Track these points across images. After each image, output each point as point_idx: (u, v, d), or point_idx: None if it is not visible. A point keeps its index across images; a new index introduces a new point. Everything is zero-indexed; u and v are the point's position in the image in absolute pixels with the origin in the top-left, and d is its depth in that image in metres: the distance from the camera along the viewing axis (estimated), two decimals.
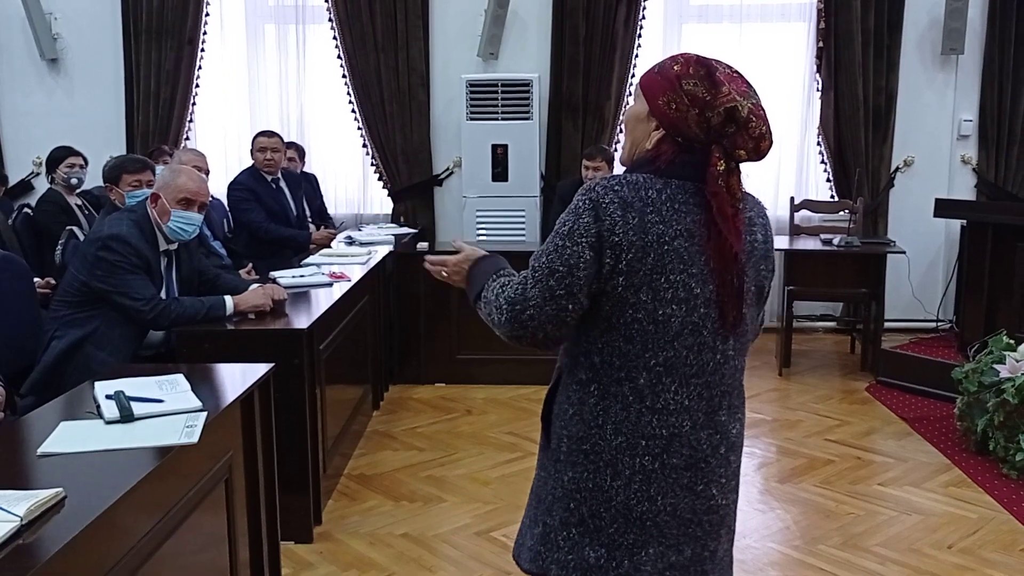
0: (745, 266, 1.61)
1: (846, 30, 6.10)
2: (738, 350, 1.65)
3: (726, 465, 1.65)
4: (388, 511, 3.58)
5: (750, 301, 1.65)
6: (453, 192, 6.48)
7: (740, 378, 1.68)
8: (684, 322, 1.57)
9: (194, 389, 2.43)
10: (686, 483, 1.61)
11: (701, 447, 1.61)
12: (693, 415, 1.60)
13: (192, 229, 3.42)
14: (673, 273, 1.55)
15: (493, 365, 5.19)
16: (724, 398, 1.63)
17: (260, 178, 5.26)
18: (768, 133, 1.60)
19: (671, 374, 1.58)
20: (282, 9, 6.44)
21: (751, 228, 1.65)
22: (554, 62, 6.24)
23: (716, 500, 1.64)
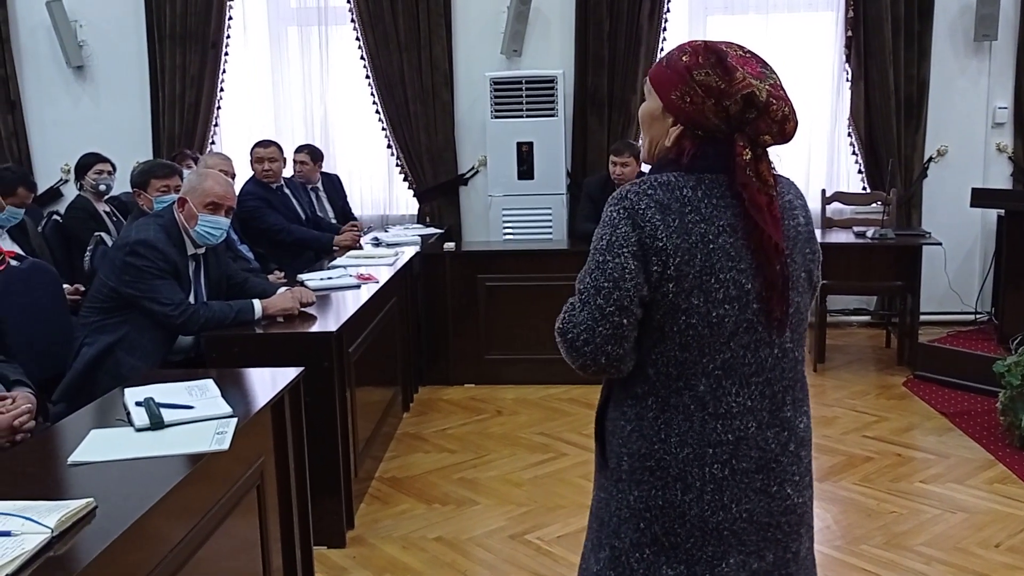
0: (792, 253, 1.54)
1: (875, 18, 5.98)
2: (796, 342, 1.59)
3: (797, 462, 1.59)
4: (421, 514, 3.54)
5: (801, 289, 1.58)
6: (479, 191, 6.44)
7: (801, 370, 1.62)
8: (738, 320, 1.50)
9: (224, 394, 2.40)
10: (759, 486, 1.54)
11: (770, 447, 1.55)
12: (758, 415, 1.54)
13: (219, 233, 3.40)
14: (723, 271, 1.48)
15: (522, 365, 5.15)
16: (787, 393, 1.57)
17: (265, 186, 5.25)
18: (792, 113, 1.51)
19: (731, 376, 1.52)
20: (304, 11, 6.43)
21: (792, 212, 1.58)
22: (578, 58, 6.18)
23: (792, 500, 1.58)
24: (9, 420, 2.41)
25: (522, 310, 5.13)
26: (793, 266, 1.55)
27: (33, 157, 6.63)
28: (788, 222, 1.55)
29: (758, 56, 1.54)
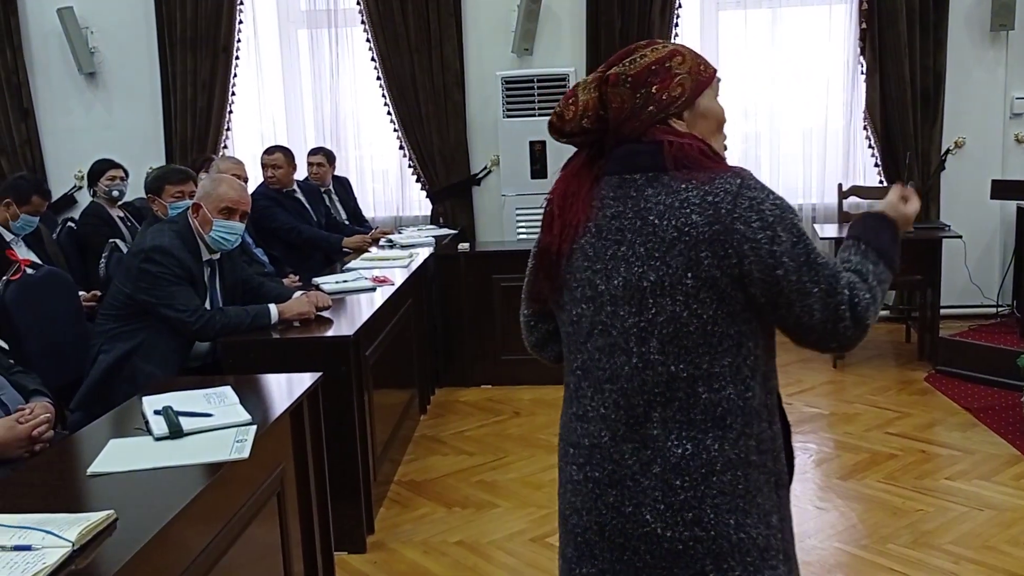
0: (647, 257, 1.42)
1: (890, 9, 5.92)
2: (671, 355, 1.40)
3: (664, 489, 1.41)
4: (441, 518, 3.51)
5: (676, 295, 1.40)
6: (492, 191, 6.41)
7: (690, 389, 1.41)
8: (593, 322, 1.47)
9: (242, 401, 2.39)
10: (611, 502, 1.44)
11: (625, 462, 1.43)
12: (612, 425, 1.44)
13: (234, 238, 3.39)
14: (579, 271, 1.49)
15: (539, 365, 5.00)
16: (653, 408, 1.41)
17: (275, 189, 5.23)
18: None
19: (587, 378, 1.49)
20: (315, 14, 6.41)
21: (672, 213, 1.41)
22: (590, 55, 6.14)
23: (652, 528, 1.42)
24: (28, 431, 2.41)
25: None
26: (624, 273, 1.42)
27: (47, 164, 6.64)
28: (661, 222, 1.40)
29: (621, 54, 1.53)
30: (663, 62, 1.47)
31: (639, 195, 1.43)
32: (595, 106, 1.48)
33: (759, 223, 1.37)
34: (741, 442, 1.42)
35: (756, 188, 1.40)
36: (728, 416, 1.41)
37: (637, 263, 1.41)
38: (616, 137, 1.48)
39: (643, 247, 1.41)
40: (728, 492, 1.41)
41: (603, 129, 1.50)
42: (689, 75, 1.48)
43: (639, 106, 1.45)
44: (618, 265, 1.43)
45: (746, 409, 1.42)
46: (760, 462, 1.44)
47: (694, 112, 1.49)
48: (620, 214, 1.44)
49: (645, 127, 1.46)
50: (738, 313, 1.40)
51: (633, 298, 1.42)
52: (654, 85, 1.46)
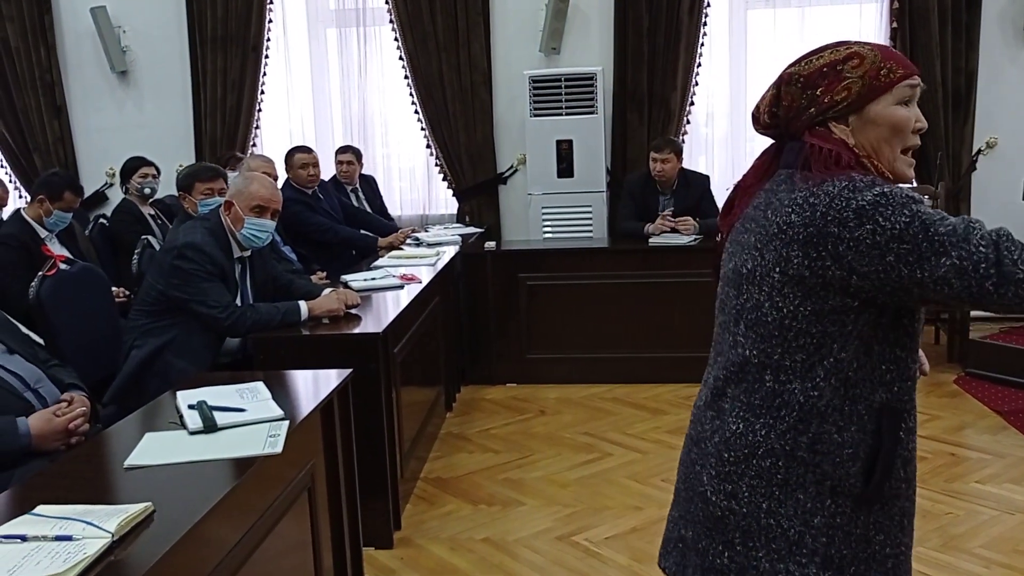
0: (734, 246, 1.55)
1: (921, 8, 5.87)
2: (750, 340, 1.46)
3: (718, 458, 1.50)
4: (467, 515, 3.53)
5: (749, 283, 1.47)
6: (518, 190, 6.42)
7: (760, 376, 1.46)
8: (721, 300, 1.58)
9: (274, 397, 2.41)
10: (693, 457, 1.58)
11: (704, 426, 1.55)
12: (704, 392, 1.58)
13: (265, 236, 3.42)
14: (725, 252, 1.59)
15: (564, 364, 5.13)
16: (729, 385, 1.50)
17: (301, 191, 5.25)
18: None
19: (714, 348, 1.59)
20: (344, 13, 6.45)
21: (766, 206, 1.49)
22: (617, 54, 6.14)
23: (704, 489, 1.51)
24: (65, 423, 2.45)
25: (563, 309, 5.11)
26: (737, 259, 1.50)
27: (79, 161, 6.73)
28: (772, 217, 1.44)
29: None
30: (835, 65, 1.47)
31: (774, 188, 1.50)
32: (770, 102, 1.54)
33: (855, 220, 1.35)
34: (790, 436, 1.44)
35: (862, 189, 1.36)
36: (784, 408, 1.45)
37: (746, 251, 1.48)
38: (787, 134, 1.53)
39: (755, 237, 1.47)
40: (764, 478, 1.46)
41: (775, 124, 1.55)
42: (861, 79, 1.45)
43: (803, 107, 1.48)
44: (738, 251, 1.51)
45: (806, 406, 1.43)
46: (811, 460, 1.44)
47: (862, 117, 1.47)
48: (758, 205, 1.51)
49: (804, 127, 1.49)
50: (825, 314, 1.41)
51: (736, 282, 1.51)
52: (820, 87, 1.47)
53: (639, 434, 4.33)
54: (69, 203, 4.50)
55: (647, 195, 5.43)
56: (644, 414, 4.60)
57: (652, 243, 5.15)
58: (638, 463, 3.98)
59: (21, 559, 1.50)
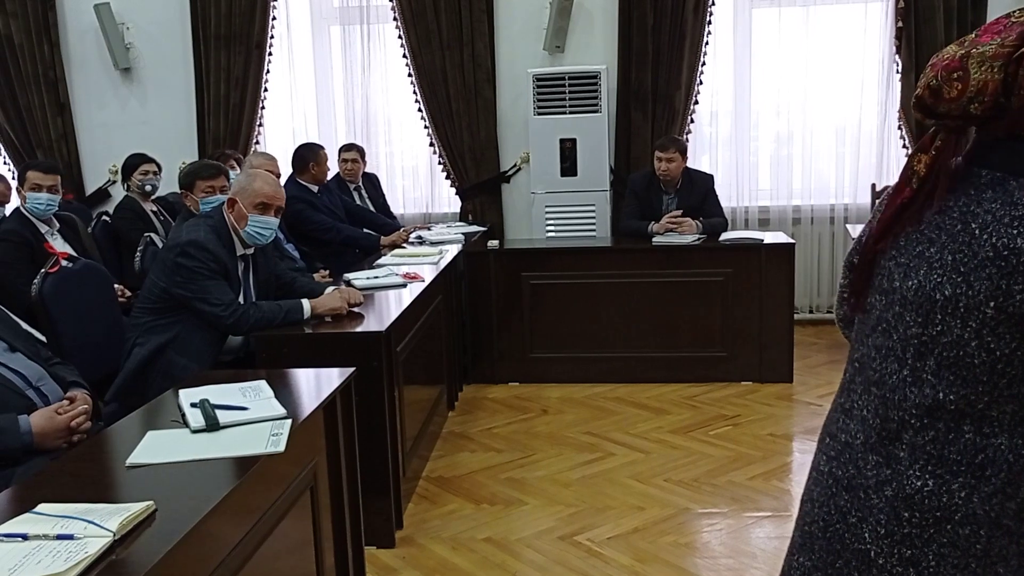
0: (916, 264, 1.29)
1: (927, 7, 5.85)
2: (946, 381, 1.23)
3: (891, 515, 1.28)
4: (469, 514, 3.52)
5: (922, 306, 1.26)
6: (521, 188, 6.41)
7: (954, 423, 1.23)
8: (880, 318, 1.33)
9: (276, 395, 2.41)
10: (842, 504, 1.34)
11: (865, 472, 1.31)
12: (867, 430, 1.32)
13: (269, 233, 3.42)
14: (886, 258, 1.34)
15: (566, 363, 5.12)
16: (905, 430, 1.27)
17: (305, 188, 5.26)
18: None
19: (861, 374, 1.35)
20: (347, 10, 6.44)
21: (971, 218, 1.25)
22: (622, 53, 6.12)
23: (867, 547, 1.30)
24: (67, 421, 2.44)
25: (566, 308, 5.10)
26: (922, 277, 1.27)
27: (82, 158, 6.73)
28: (981, 234, 1.20)
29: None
30: None
31: (976, 195, 1.23)
32: (996, 90, 1.19)
33: None
34: (996, 500, 1.22)
35: None
36: (989, 467, 1.22)
37: (938, 270, 1.23)
38: (1009, 129, 1.23)
39: (952, 255, 1.22)
40: (960, 547, 1.24)
41: (993, 117, 1.22)
42: None
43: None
44: (920, 266, 1.26)
45: (1016, 467, 1.21)
46: (1018, 530, 1.23)
47: None
48: (947, 210, 1.24)
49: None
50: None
51: (922, 307, 1.25)
52: None
53: (641, 434, 4.32)
54: (35, 183, 4.36)
55: (651, 194, 5.41)
56: (647, 414, 4.59)
57: (655, 242, 5.14)
58: (640, 463, 3.97)
59: (22, 558, 1.49)
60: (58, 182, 4.48)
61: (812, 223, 6.27)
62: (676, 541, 3.25)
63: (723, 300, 4.99)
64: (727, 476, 3.79)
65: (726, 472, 3.83)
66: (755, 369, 4.99)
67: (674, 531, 3.32)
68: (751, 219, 6.27)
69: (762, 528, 3.33)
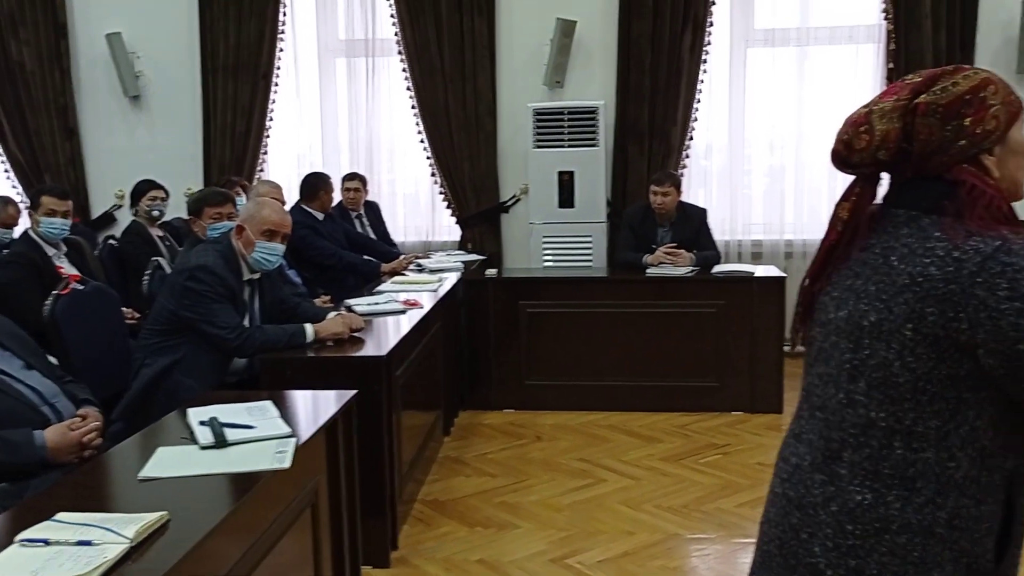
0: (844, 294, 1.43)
1: (917, 50, 6.02)
2: (876, 400, 1.35)
3: (836, 529, 1.38)
4: (463, 537, 3.61)
5: (851, 332, 1.39)
6: (520, 219, 6.54)
7: (886, 440, 1.35)
8: (820, 348, 1.46)
9: (281, 416, 2.50)
10: (794, 523, 1.44)
11: (812, 491, 1.42)
12: (813, 452, 1.44)
13: (275, 259, 3.53)
14: (824, 293, 1.48)
15: (562, 391, 5.21)
16: (845, 449, 1.39)
17: (310, 214, 5.40)
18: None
19: (807, 401, 1.49)
20: (353, 43, 6.61)
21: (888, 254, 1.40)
22: (620, 89, 6.28)
23: (817, 561, 1.39)
24: (79, 437, 2.54)
25: (563, 336, 5.20)
26: (851, 307, 1.40)
27: (89, 183, 6.87)
28: (899, 265, 1.35)
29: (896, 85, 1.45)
30: (977, 91, 1.35)
31: (894, 231, 1.38)
32: (897, 137, 1.37)
33: (1007, 292, 1.24)
34: (928, 510, 1.33)
35: (1018, 255, 1.26)
36: (919, 479, 1.33)
37: (864, 300, 1.37)
38: (915, 171, 1.40)
39: (874, 285, 1.36)
40: (899, 555, 1.34)
41: (900, 162, 1.39)
42: (1003, 106, 1.36)
43: (948, 139, 1.35)
44: (848, 297, 1.40)
45: (943, 478, 1.32)
46: (949, 537, 1.33)
47: (1005, 147, 1.38)
48: (870, 247, 1.40)
49: (953, 163, 1.36)
50: (961, 378, 1.30)
51: (852, 334, 1.38)
52: (967, 117, 1.35)
53: (633, 461, 4.41)
54: (50, 208, 4.48)
55: (646, 227, 5.54)
56: (639, 442, 4.68)
57: (649, 274, 5.26)
58: (631, 489, 4.06)
59: (45, 561, 1.59)
60: (71, 207, 4.61)
61: (804, 257, 6.38)
62: (665, 566, 3.34)
63: (715, 331, 5.10)
64: (716, 503, 3.88)
65: (715, 499, 3.92)
66: (746, 399, 5.09)
67: (663, 556, 3.41)
68: (744, 253, 6.40)
69: (748, 554, 3.37)
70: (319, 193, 5.46)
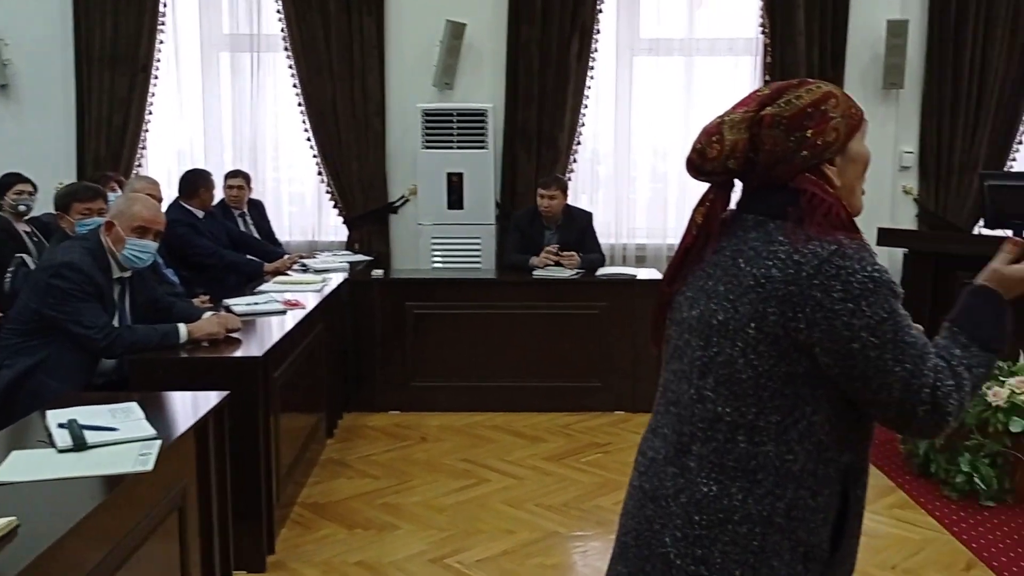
0: (698, 295, 1.49)
1: (792, 63, 6.29)
2: (723, 396, 1.42)
3: (685, 520, 1.44)
4: (342, 539, 3.57)
5: (731, 338, 1.43)
6: (408, 220, 6.52)
7: (730, 433, 1.42)
8: (675, 345, 1.53)
9: (148, 417, 2.43)
10: (648, 514, 1.49)
11: (665, 483, 1.47)
12: (667, 446, 1.50)
13: (147, 257, 3.41)
14: (680, 294, 1.54)
15: (448, 392, 5.22)
16: (694, 442, 1.45)
17: (189, 212, 5.27)
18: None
19: (664, 396, 1.55)
20: (237, 38, 6.45)
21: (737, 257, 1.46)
22: (509, 93, 6.33)
23: (668, 551, 1.45)
24: None
25: (449, 338, 5.21)
26: (703, 306, 1.47)
27: None
28: (745, 267, 1.42)
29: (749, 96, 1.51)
30: (819, 104, 1.43)
31: (743, 235, 1.45)
32: (745, 147, 1.44)
33: (841, 294, 1.33)
34: (767, 501, 1.40)
35: (851, 258, 1.35)
36: (760, 472, 1.40)
37: (714, 300, 1.44)
38: (762, 180, 1.46)
39: (723, 286, 1.43)
40: (740, 544, 1.41)
41: (748, 170, 1.47)
42: (843, 119, 1.44)
43: (792, 150, 1.43)
44: (700, 297, 1.47)
45: (782, 470, 1.40)
46: (787, 526, 1.41)
47: (845, 157, 1.46)
48: (722, 249, 1.46)
49: (796, 172, 1.43)
50: (799, 376, 1.38)
51: (703, 332, 1.45)
52: (809, 129, 1.42)
53: (516, 461, 4.45)
54: None
55: (533, 229, 5.60)
56: (523, 441, 4.73)
57: (536, 276, 5.32)
58: (513, 488, 4.10)
59: None
60: None
61: None
62: (543, 563, 3.38)
63: (598, 333, 5.20)
64: (594, 501, 3.95)
65: (594, 498, 4.00)
66: (628, 399, 5.20)
67: (541, 553, 3.46)
68: (629, 256, 6.55)
69: None
70: (199, 190, 5.31)
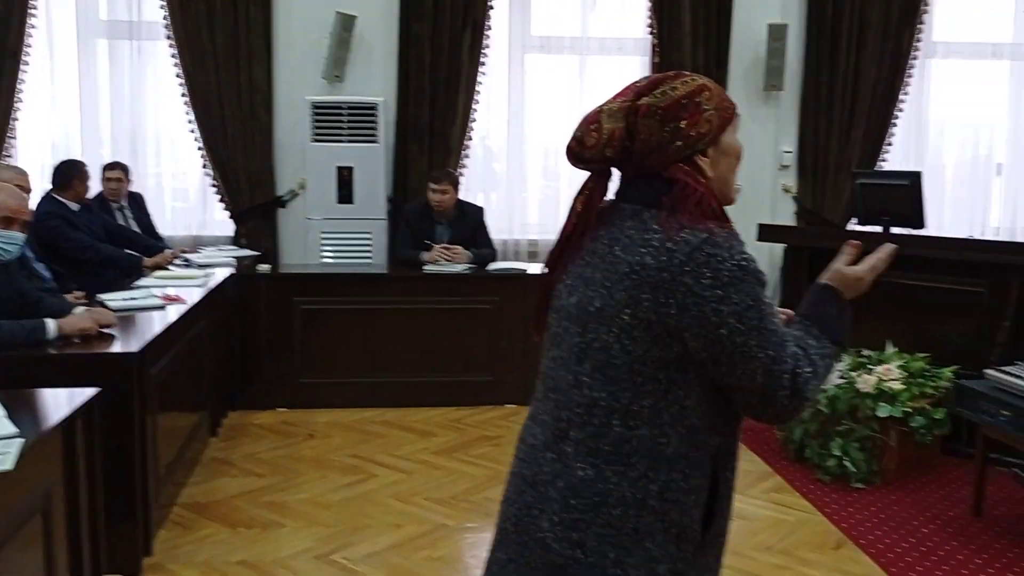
0: (578, 282, 1.51)
1: (678, 65, 6.40)
2: (599, 381, 1.45)
3: (563, 504, 1.45)
4: (224, 539, 3.48)
5: (579, 317, 1.48)
6: (297, 214, 6.39)
7: (605, 418, 1.44)
8: (555, 332, 1.55)
9: (11, 415, 2.31)
10: (528, 500, 1.51)
11: (543, 469, 1.49)
12: (546, 432, 1.51)
13: (14, 248, 3.25)
14: (559, 281, 1.56)
15: (338, 388, 5.15)
16: (571, 427, 1.47)
17: (63, 204, 5.06)
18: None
19: (543, 383, 1.56)
20: (116, 25, 6.19)
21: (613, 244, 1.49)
22: (400, 87, 6.28)
23: (545, 535, 1.47)
24: None
25: (338, 333, 5.14)
26: (580, 294, 1.49)
27: None
28: (621, 255, 1.45)
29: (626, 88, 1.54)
30: (693, 96, 1.46)
31: (620, 224, 1.47)
32: (621, 136, 1.47)
33: (711, 280, 1.37)
34: (641, 484, 1.43)
35: (721, 247, 1.39)
36: (634, 455, 1.43)
37: (592, 287, 1.46)
38: (637, 169, 1.49)
39: (600, 273, 1.45)
40: (615, 527, 1.43)
41: (625, 159, 1.49)
42: (716, 111, 1.48)
43: (666, 140, 1.45)
44: (579, 284, 1.49)
45: (655, 453, 1.43)
46: (660, 508, 1.44)
47: (718, 149, 1.50)
48: (599, 237, 1.48)
49: (670, 162, 1.46)
50: (671, 361, 1.42)
51: (580, 319, 1.47)
52: (683, 120, 1.45)
53: (405, 455, 4.43)
54: None
55: (425, 224, 5.58)
56: (413, 436, 4.71)
57: (427, 270, 5.30)
58: (402, 483, 4.08)
59: None
60: None
61: None
62: (430, 556, 3.38)
63: (490, 327, 5.22)
64: (484, 493, 3.97)
65: (483, 490, 4.01)
66: (519, 392, 5.23)
67: (429, 547, 3.45)
68: (521, 251, 6.59)
69: None
70: (72, 182, 5.08)
